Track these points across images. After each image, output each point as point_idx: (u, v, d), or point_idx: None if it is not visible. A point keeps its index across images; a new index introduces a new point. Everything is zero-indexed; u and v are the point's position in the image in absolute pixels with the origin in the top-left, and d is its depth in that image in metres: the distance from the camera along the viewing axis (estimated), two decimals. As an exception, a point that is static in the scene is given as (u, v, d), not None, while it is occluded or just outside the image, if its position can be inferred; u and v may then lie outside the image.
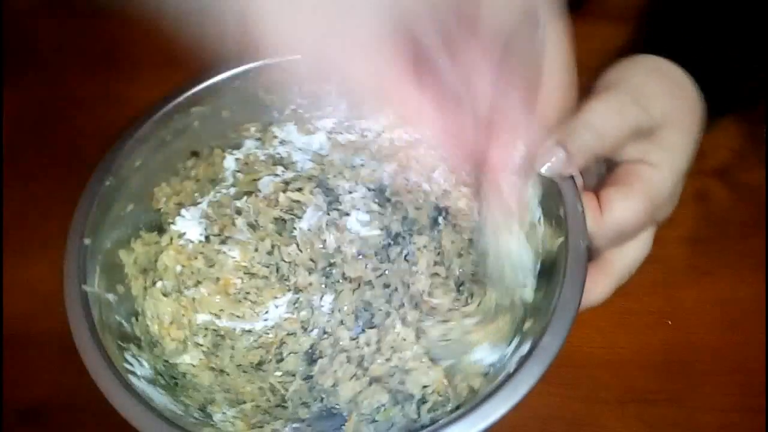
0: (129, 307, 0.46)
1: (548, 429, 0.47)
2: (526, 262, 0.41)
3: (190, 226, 0.51)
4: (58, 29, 0.71)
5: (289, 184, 0.53)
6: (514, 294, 0.42)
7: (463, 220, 0.51)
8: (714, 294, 0.48)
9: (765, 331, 0.46)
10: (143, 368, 0.42)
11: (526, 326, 0.40)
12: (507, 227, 0.39)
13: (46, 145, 0.63)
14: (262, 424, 0.42)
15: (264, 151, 0.53)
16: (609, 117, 0.38)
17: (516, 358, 0.37)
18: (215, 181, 0.53)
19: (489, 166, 0.37)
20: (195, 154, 0.51)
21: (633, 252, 0.41)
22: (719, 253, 0.50)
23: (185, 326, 0.48)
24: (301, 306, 0.50)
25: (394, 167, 0.53)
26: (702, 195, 0.53)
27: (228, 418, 0.42)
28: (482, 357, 0.42)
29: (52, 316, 0.45)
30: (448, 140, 0.36)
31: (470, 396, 0.39)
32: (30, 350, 0.53)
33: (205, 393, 0.44)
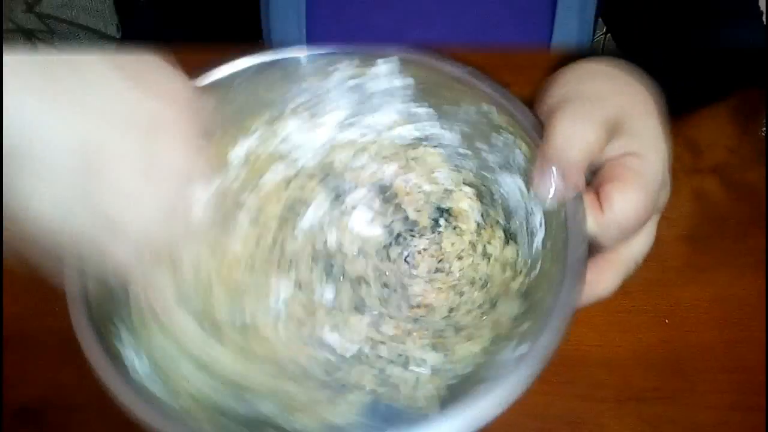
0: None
1: (546, 427, 0.47)
2: None
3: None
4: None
5: (291, 182, 0.53)
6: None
7: (464, 223, 0.51)
8: (712, 292, 0.48)
9: (764, 329, 0.46)
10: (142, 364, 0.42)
11: (524, 327, 0.40)
12: None
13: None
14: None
15: (267, 147, 0.53)
16: (581, 127, 0.39)
17: (513, 358, 0.37)
18: (218, 175, 0.53)
19: None
20: None
21: (638, 243, 0.41)
22: (717, 252, 0.50)
23: None
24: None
25: (395, 168, 0.53)
26: (699, 193, 0.54)
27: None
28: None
29: (51, 316, 0.45)
30: None
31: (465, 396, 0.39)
32: (29, 350, 0.54)
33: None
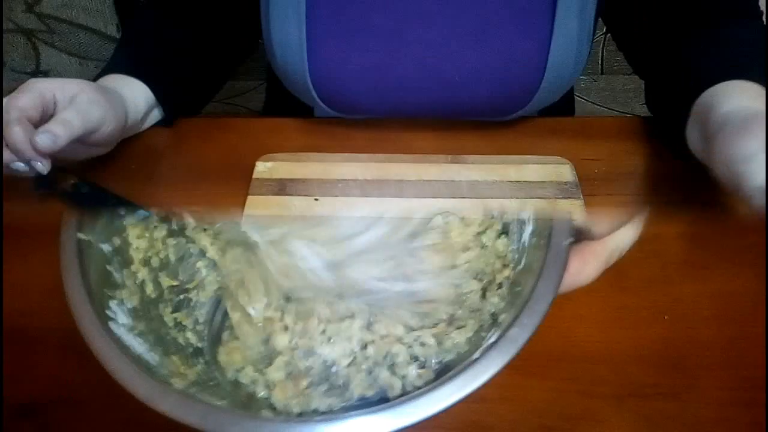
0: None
1: (546, 423, 0.48)
2: None
3: None
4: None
5: None
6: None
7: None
8: (711, 288, 0.48)
9: (763, 326, 0.47)
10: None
11: (502, 317, 0.40)
12: None
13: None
14: None
15: None
16: None
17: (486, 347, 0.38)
18: None
19: None
20: None
21: (624, 233, 0.41)
22: (716, 248, 0.50)
23: None
24: None
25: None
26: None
27: None
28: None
29: (52, 313, 0.46)
30: None
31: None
32: (29, 346, 0.54)
33: None
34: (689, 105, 0.61)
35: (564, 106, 0.90)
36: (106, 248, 0.49)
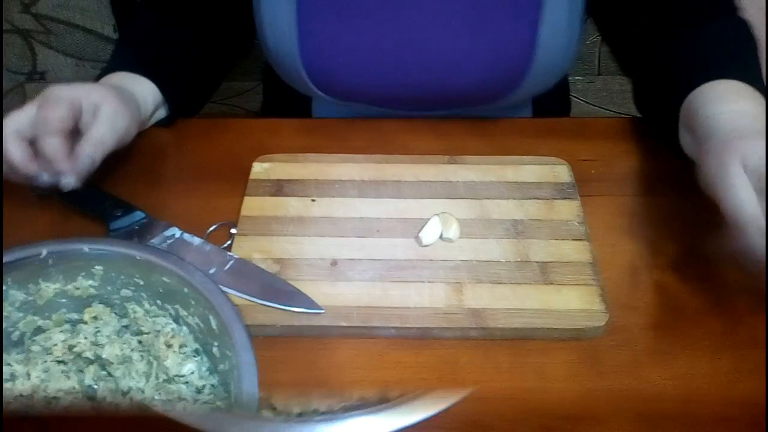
0: None
1: (546, 423, 0.48)
2: None
3: None
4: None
5: None
6: None
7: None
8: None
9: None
10: None
11: None
12: None
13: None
14: None
15: None
16: None
17: None
18: None
19: None
20: None
21: None
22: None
23: None
24: None
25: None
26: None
27: None
28: None
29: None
30: None
31: None
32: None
33: None
34: (677, 109, 0.62)
35: (560, 106, 0.90)
36: None
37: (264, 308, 0.54)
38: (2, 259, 0.45)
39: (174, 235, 0.60)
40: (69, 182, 0.57)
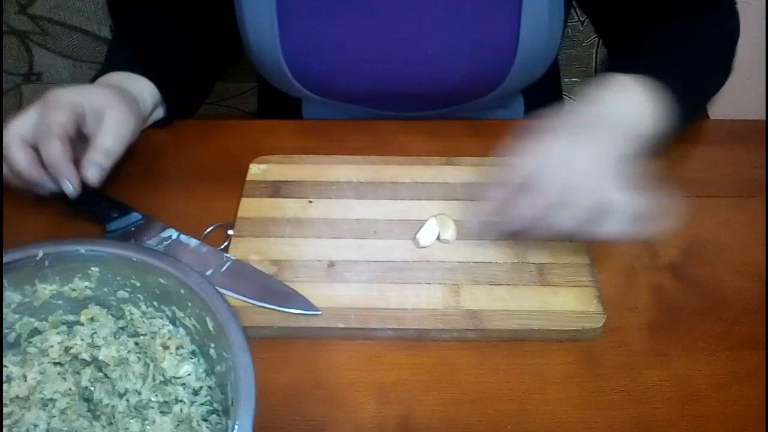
0: None
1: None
2: None
3: None
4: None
5: None
6: None
7: None
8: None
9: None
10: None
11: None
12: None
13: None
14: None
15: None
16: None
17: None
18: None
19: None
20: None
21: None
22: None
23: None
24: None
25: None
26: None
27: None
28: None
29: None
30: None
31: None
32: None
33: None
34: None
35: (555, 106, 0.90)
36: None
37: (261, 310, 0.54)
38: (1, 261, 0.45)
39: (171, 237, 0.60)
40: (72, 189, 0.57)
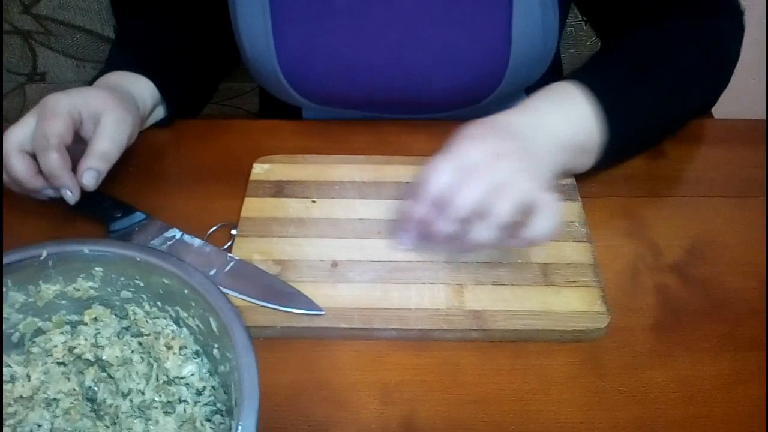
0: None
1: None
2: None
3: None
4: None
5: None
6: None
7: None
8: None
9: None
10: None
11: None
12: None
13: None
14: None
15: None
16: None
17: None
18: None
19: None
20: None
21: None
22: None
23: None
24: None
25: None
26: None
27: None
28: None
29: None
30: None
31: None
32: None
33: None
34: None
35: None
36: None
37: (264, 310, 0.54)
38: (2, 261, 0.45)
39: (174, 237, 0.60)
40: (71, 196, 0.58)
